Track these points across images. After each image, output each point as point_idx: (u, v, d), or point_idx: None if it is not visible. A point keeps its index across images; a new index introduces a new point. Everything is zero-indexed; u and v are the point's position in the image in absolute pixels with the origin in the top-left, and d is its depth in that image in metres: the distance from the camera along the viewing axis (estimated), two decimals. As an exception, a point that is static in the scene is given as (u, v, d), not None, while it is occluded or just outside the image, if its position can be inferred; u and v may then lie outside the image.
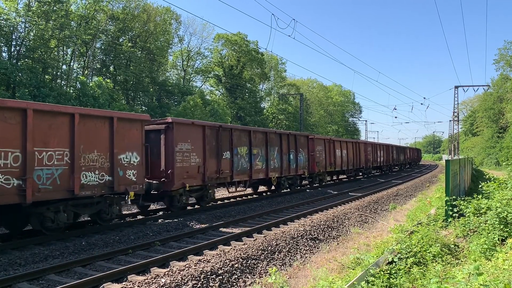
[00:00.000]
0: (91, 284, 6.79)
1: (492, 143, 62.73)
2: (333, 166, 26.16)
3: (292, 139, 21.18)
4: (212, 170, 15.02)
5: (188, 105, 37.14)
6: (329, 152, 25.65)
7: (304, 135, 23.34)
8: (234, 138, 16.35)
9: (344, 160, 28.38)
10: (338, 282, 6.51)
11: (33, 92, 25.96)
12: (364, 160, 32.75)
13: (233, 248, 9.18)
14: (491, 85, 62.04)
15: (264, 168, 18.45)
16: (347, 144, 29.51)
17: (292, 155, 20.80)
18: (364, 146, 33.35)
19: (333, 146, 26.55)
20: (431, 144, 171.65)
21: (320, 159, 24.25)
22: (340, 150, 27.80)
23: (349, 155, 29.34)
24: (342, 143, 28.52)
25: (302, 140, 22.41)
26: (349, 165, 29.21)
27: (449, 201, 11.04)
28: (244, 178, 17.20)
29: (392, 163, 44.05)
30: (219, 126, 15.74)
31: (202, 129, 14.63)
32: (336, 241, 11.29)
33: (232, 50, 52.80)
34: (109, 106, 30.42)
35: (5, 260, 8.08)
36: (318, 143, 24.32)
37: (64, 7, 30.90)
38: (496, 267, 6.34)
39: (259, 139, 18.21)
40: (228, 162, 15.91)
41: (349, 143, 30.18)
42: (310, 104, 71.37)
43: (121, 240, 10.17)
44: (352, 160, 29.91)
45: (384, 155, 39.91)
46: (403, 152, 51.75)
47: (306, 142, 22.81)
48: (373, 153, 35.50)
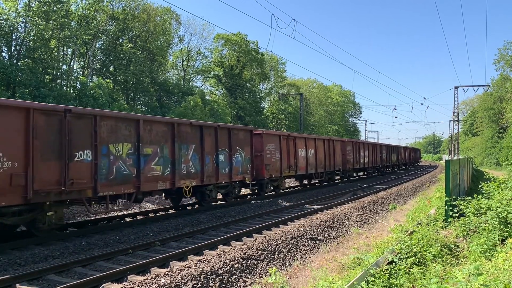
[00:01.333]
0: (91, 284, 6.79)
1: (492, 143, 62.75)
2: (293, 170, 20.85)
3: (224, 134, 15.79)
4: (49, 179, 9.43)
5: (188, 105, 37.15)
6: (287, 151, 20.37)
7: (245, 129, 17.64)
8: (103, 130, 10.78)
9: (311, 161, 23.15)
10: (338, 282, 6.51)
11: (33, 92, 25.97)
12: (342, 161, 27.78)
13: (233, 248, 9.18)
14: (491, 85, 62.15)
15: (169, 174, 12.89)
16: (316, 142, 23.99)
17: (223, 156, 15.57)
18: (342, 145, 28.34)
19: (294, 144, 21.22)
20: (431, 144, 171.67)
21: (273, 160, 18.93)
22: (305, 149, 22.44)
23: (319, 156, 24.09)
24: (308, 141, 23.07)
25: (242, 135, 16.89)
26: (318, 167, 23.92)
27: (449, 201, 11.05)
28: (127, 190, 11.45)
29: (381, 164, 38.76)
30: (66, 111, 9.88)
31: (24, 116, 9.01)
32: (336, 241, 11.29)
33: (232, 50, 52.82)
34: (109, 106, 30.44)
35: (5, 260, 8.07)
36: (270, 140, 19.02)
37: (64, 7, 30.92)
38: (496, 267, 6.35)
39: (159, 133, 12.64)
40: (87, 166, 10.30)
41: (319, 141, 24.68)
42: (310, 104, 71.38)
43: (121, 240, 10.17)
44: (324, 161, 24.76)
45: (370, 155, 34.64)
46: (396, 152, 46.42)
47: (248, 139, 17.30)
48: (354, 153, 30.30)
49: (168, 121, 13.47)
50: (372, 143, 37.61)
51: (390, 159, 42.95)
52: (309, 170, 22.88)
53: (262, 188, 18.84)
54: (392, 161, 43.96)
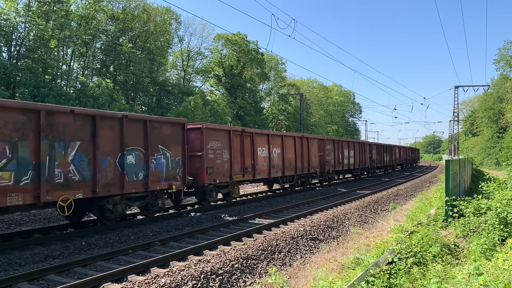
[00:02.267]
0: (91, 284, 6.79)
1: (492, 143, 62.77)
2: (249, 173, 17.15)
3: (135, 128, 11.73)
4: None
5: (188, 105, 37.16)
6: (240, 151, 16.57)
7: (173, 122, 13.31)
8: None
9: (276, 163, 19.09)
10: (338, 282, 6.52)
11: (33, 92, 25.99)
12: (319, 162, 24.08)
13: (233, 248, 9.18)
14: (491, 85, 62.17)
15: (28, 183, 8.96)
16: (284, 140, 20.07)
17: (133, 157, 11.59)
18: (320, 144, 24.41)
19: (251, 142, 17.41)
20: (431, 144, 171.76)
21: (218, 162, 15.18)
22: (268, 148, 18.55)
23: (287, 156, 20.22)
24: (272, 138, 19.05)
25: (167, 130, 12.86)
26: (287, 170, 20.21)
27: (449, 201, 11.05)
28: None
29: (371, 165, 34.81)
30: None
31: None
32: (336, 241, 11.29)
33: (232, 50, 52.85)
34: (109, 106, 30.45)
35: (5, 260, 8.07)
36: (214, 136, 15.06)
37: (64, 7, 30.93)
38: (496, 267, 6.34)
39: (9, 125, 8.72)
40: None
41: (288, 138, 20.76)
42: (310, 104, 71.42)
43: (121, 240, 10.17)
44: (294, 163, 20.97)
45: (357, 155, 30.91)
46: (389, 152, 42.18)
47: (178, 135, 13.31)
48: (336, 153, 26.57)
49: (28, 107, 9.19)
50: (360, 141, 33.74)
51: (382, 159, 39.07)
52: (273, 173, 18.90)
53: (204, 196, 15.06)
54: (385, 161, 40.13)
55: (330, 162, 25.64)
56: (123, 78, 39.89)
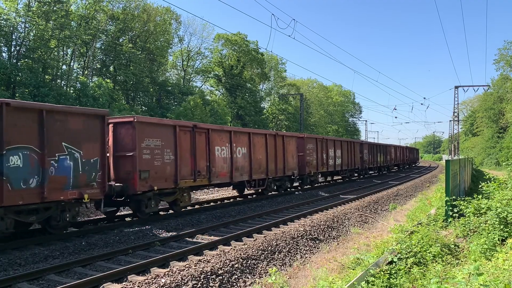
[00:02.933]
0: (91, 284, 6.79)
1: (492, 143, 62.80)
2: (204, 177, 14.32)
3: (25, 120, 9.14)
4: None
5: (188, 105, 37.17)
6: (190, 151, 13.77)
7: (88, 114, 10.60)
8: None
9: (240, 164, 16.52)
10: (338, 282, 6.52)
11: (33, 92, 25.99)
12: (298, 163, 21.41)
13: (233, 248, 9.18)
14: (491, 85, 62.18)
15: None
16: (251, 138, 17.34)
17: (19, 158, 8.93)
18: (299, 142, 21.84)
19: (206, 140, 14.60)
20: (431, 144, 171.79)
21: (157, 164, 12.34)
22: (230, 147, 15.91)
23: (256, 157, 17.58)
24: (235, 136, 16.34)
25: (78, 124, 10.26)
26: (256, 173, 17.50)
27: (449, 201, 11.05)
28: None
29: (362, 166, 32.40)
30: None
31: None
32: (336, 241, 11.30)
33: (232, 50, 52.85)
34: (109, 106, 30.46)
35: (5, 260, 8.08)
36: (151, 132, 12.26)
37: (64, 7, 30.94)
38: (496, 267, 6.35)
39: None
40: None
41: (257, 136, 18.03)
42: (310, 104, 71.43)
43: (121, 240, 10.17)
44: (266, 164, 18.23)
45: (346, 155, 28.35)
46: (383, 151, 39.54)
47: (96, 130, 10.70)
48: (319, 153, 23.77)
49: None
50: (348, 140, 31.09)
51: (375, 159, 36.31)
52: (236, 176, 16.22)
53: (139, 207, 12.20)
54: (378, 162, 37.51)
55: (312, 163, 22.94)
56: (123, 78, 39.90)
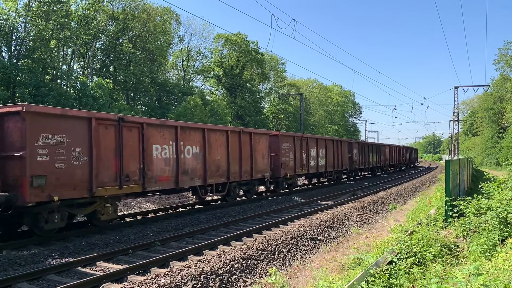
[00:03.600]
0: (91, 284, 6.79)
1: (492, 143, 62.79)
2: (135, 182, 11.57)
3: None
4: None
5: (188, 105, 37.17)
6: (115, 150, 11.05)
7: None
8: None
9: (190, 166, 13.77)
10: (338, 282, 6.52)
11: (33, 92, 25.99)
12: (271, 164, 18.80)
13: (233, 248, 9.18)
14: (491, 85, 62.13)
15: None
16: (206, 134, 14.49)
17: None
18: (271, 141, 19.10)
19: (140, 137, 11.85)
20: (431, 144, 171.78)
21: (57, 167, 9.52)
22: (176, 146, 13.13)
23: (213, 157, 14.82)
24: (183, 132, 13.45)
25: None
26: (211, 176, 14.76)
27: (449, 201, 11.05)
28: None
29: (352, 167, 29.76)
30: None
31: None
32: (336, 241, 11.29)
33: (232, 50, 52.85)
34: (109, 106, 30.45)
35: (5, 260, 8.07)
36: (51, 126, 9.49)
37: (64, 7, 30.93)
38: (496, 267, 6.34)
39: None
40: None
41: (214, 133, 15.23)
42: (310, 104, 71.43)
43: (121, 240, 10.17)
44: (227, 166, 15.51)
45: (331, 155, 25.62)
46: (376, 151, 37.00)
47: None
48: (298, 152, 21.14)
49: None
50: (334, 139, 27.67)
51: (366, 160, 33.68)
52: (184, 181, 13.37)
53: (35, 222, 9.57)
54: (371, 162, 34.93)
55: (289, 164, 20.13)
56: (123, 78, 39.89)
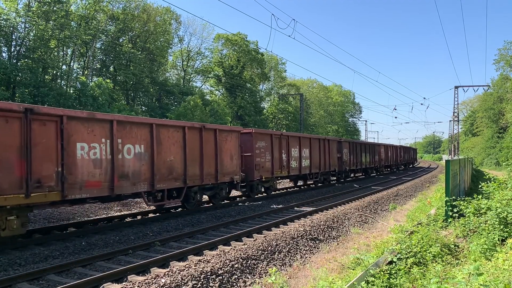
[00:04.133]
0: (91, 284, 6.79)
1: (492, 143, 62.79)
2: (53, 190, 9.17)
3: None
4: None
5: (188, 105, 37.17)
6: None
7: None
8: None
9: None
10: (338, 282, 6.51)
11: (32, 92, 26.00)
12: (242, 165, 16.77)
13: (233, 248, 9.18)
14: (491, 85, 62.17)
15: None
16: (154, 131, 12.02)
17: None
18: (244, 139, 17.02)
19: (57, 133, 9.43)
20: (431, 144, 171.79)
21: None
22: (106, 145, 10.51)
23: (165, 157, 12.44)
24: (120, 127, 10.90)
25: None
26: (161, 181, 12.26)
27: (449, 201, 11.05)
28: None
29: (342, 168, 27.62)
30: None
31: None
32: (336, 241, 11.29)
33: (232, 50, 52.86)
34: (109, 106, 30.45)
35: (5, 260, 8.07)
36: None
37: (64, 7, 30.93)
38: (496, 267, 6.35)
39: None
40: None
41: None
42: (310, 104, 71.44)
43: (121, 240, 10.17)
44: (183, 167, 13.15)
45: (316, 155, 23.45)
46: (370, 151, 34.93)
47: None
48: (277, 152, 19.21)
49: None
50: (320, 137, 25.03)
51: (358, 160, 31.21)
52: (122, 187, 10.80)
53: None
54: (363, 163, 32.55)
55: (265, 166, 18.05)
56: (123, 78, 39.89)
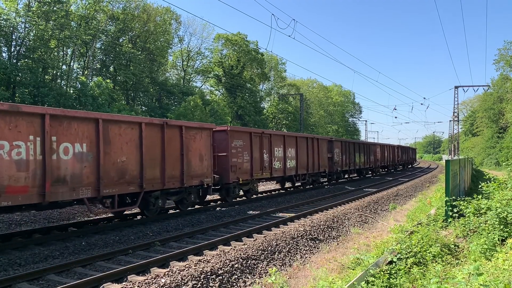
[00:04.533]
0: (91, 284, 6.78)
1: (492, 143, 62.80)
2: None
3: None
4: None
5: (188, 105, 37.17)
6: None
7: None
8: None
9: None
10: (338, 282, 6.51)
11: (32, 92, 25.99)
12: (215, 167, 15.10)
13: (233, 248, 9.17)
14: (491, 85, 62.21)
15: None
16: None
17: None
18: (217, 137, 15.49)
19: None
20: (431, 144, 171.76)
21: None
22: (43, 142, 9.15)
23: (115, 158, 10.88)
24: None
25: None
26: (107, 184, 10.68)
27: (449, 201, 11.05)
28: None
29: (332, 169, 25.84)
30: None
31: None
32: (336, 241, 11.29)
33: (232, 50, 52.86)
34: (109, 106, 30.45)
35: (5, 260, 8.07)
36: None
37: (64, 7, 30.93)
38: (496, 267, 6.34)
39: None
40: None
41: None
42: (310, 104, 71.44)
43: (121, 240, 10.16)
44: (138, 171, 11.58)
45: (304, 155, 21.92)
46: (366, 152, 33.03)
47: None
48: (256, 152, 17.33)
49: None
50: (308, 136, 23.38)
51: (351, 161, 29.34)
52: (58, 193, 9.50)
53: None
54: (357, 163, 30.54)
55: (242, 167, 16.38)
56: (123, 78, 39.88)
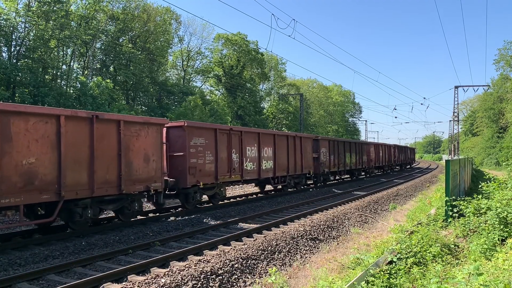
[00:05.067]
0: (91, 284, 6.79)
1: (492, 143, 62.79)
2: None
3: None
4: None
5: (189, 105, 37.15)
6: None
7: None
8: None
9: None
10: (338, 282, 6.52)
11: (32, 92, 25.99)
12: (168, 169, 13.56)
13: (233, 248, 9.17)
14: (491, 85, 62.17)
15: None
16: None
17: None
18: (173, 134, 14.01)
19: None
20: (431, 144, 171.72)
21: None
22: None
23: (19, 158, 8.71)
24: None
25: None
26: (7, 191, 8.50)
27: (449, 201, 11.05)
28: None
29: (320, 170, 23.94)
30: None
31: None
32: (336, 241, 11.29)
33: (232, 50, 52.84)
34: (109, 106, 30.46)
35: (5, 260, 8.07)
36: None
37: (64, 7, 30.92)
38: (496, 267, 6.35)
39: None
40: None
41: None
42: (310, 104, 71.43)
43: (121, 240, 10.16)
44: (56, 174, 9.42)
45: (285, 155, 20.10)
46: (358, 151, 31.12)
47: None
48: (224, 152, 15.68)
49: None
50: (289, 134, 21.86)
51: (341, 161, 27.62)
52: None
53: None
54: (348, 164, 28.83)
55: (204, 169, 14.53)
56: (123, 78, 39.86)
